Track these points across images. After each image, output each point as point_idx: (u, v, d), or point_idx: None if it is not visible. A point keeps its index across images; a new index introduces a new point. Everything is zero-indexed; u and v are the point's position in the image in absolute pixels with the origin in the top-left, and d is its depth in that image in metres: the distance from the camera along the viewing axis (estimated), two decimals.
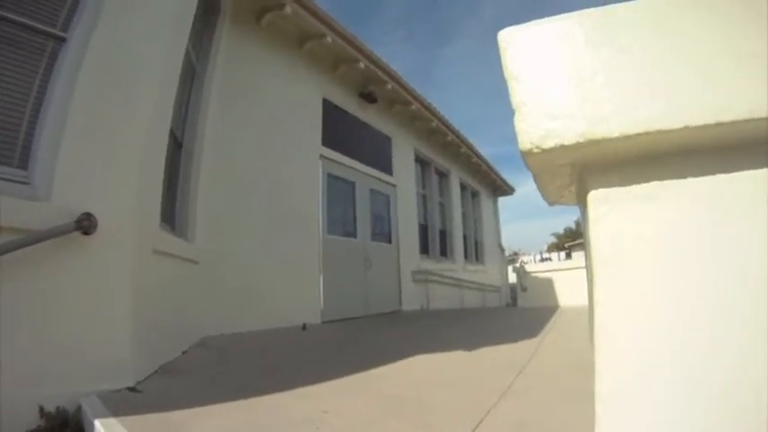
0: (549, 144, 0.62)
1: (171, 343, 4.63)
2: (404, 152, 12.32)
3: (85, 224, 3.24)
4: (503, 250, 21.24)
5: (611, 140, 0.60)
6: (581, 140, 0.60)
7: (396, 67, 10.22)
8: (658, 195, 0.62)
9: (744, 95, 0.56)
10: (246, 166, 7.02)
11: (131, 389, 3.39)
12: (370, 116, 10.68)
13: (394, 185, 11.56)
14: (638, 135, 0.58)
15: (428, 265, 12.79)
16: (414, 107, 11.50)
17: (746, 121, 0.56)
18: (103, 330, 3.40)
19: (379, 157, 11.12)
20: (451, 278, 13.95)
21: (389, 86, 10.28)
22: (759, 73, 0.59)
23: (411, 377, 4.05)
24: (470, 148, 15.00)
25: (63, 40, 3.56)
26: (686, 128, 0.56)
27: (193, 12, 4.93)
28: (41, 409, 2.98)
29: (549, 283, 13.33)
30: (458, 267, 15.02)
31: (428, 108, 12.00)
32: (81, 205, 3.27)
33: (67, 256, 3.24)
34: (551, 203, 0.93)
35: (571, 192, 0.79)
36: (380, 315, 9.86)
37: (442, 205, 14.96)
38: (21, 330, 3.03)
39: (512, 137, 0.71)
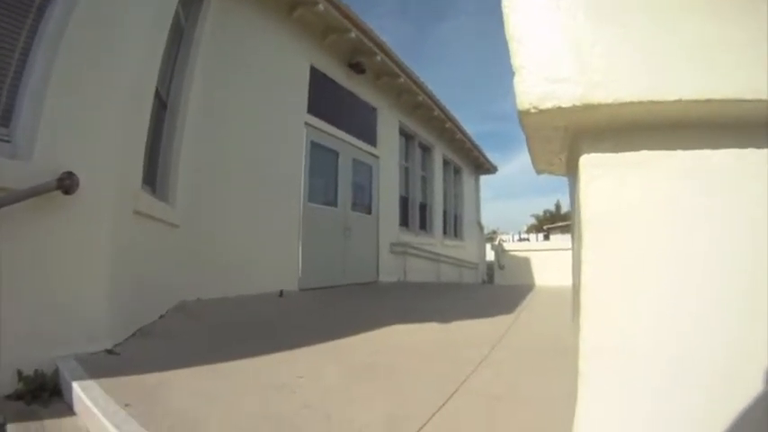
0: (546, 105, 0.64)
1: (149, 306, 4.64)
2: (389, 124, 12.32)
3: (67, 183, 3.21)
4: (482, 228, 21.37)
5: (605, 106, 0.62)
6: (577, 104, 0.62)
7: (386, 40, 10.17)
8: (648, 164, 0.65)
9: (734, 77, 0.59)
10: (230, 130, 6.98)
11: (109, 351, 3.42)
12: (357, 86, 10.64)
13: (377, 157, 11.57)
14: (632, 104, 0.61)
15: (407, 237, 12.88)
16: (401, 80, 11.46)
17: (734, 102, 0.59)
18: (82, 292, 3.41)
19: (364, 127, 11.10)
20: (429, 252, 14.03)
21: (378, 58, 10.23)
22: (751, 58, 0.61)
23: (386, 346, 4.10)
24: (455, 124, 15.01)
25: None
26: (678, 101, 0.58)
27: None
28: (19, 373, 2.99)
29: (526, 263, 13.50)
30: (436, 242, 15.13)
31: (415, 82, 11.96)
32: (63, 164, 3.24)
33: (47, 215, 3.21)
34: (540, 171, 0.95)
35: (561, 160, 0.82)
36: (358, 285, 9.95)
37: (423, 179, 14.99)
38: (5, 291, 3.01)
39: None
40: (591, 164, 0.69)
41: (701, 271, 0.65)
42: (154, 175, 5.14)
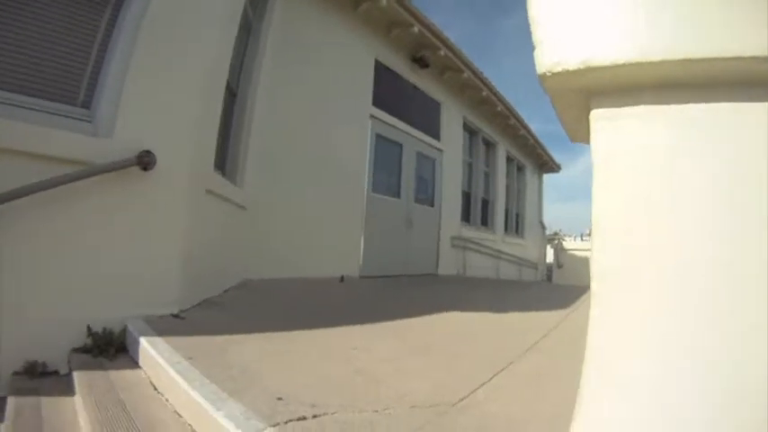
0: (557, 69, 0.77)
1: (214, 280, 4.88)
2: (452, 119, 12.32)
3: (145, 160, 3.51)
4: (544, 227, 21.11)
5: (604, 68, 0.74)
6: (581, 67, 0.75)
7: (449, 35, 10.18)
8: (646, 116, 0.76)
9: (714, 36, 0.70)
10: (297, 121, 7.18)
11: (175, 315, 3.68)
12: (421, 80, 10.69)
13: (441, 150, 11.60)
14: (626, 65, 0.73)
15: (468, 232, 12.90)
16: (465, 75, 11.44)
17: (715, 60, 0.70)
18: (154, 260, 3.68)
19: (428, 121, 11.14)
20: (489, 248, 14.02)
21: (442, 53, 10.25)
22: (729, 16, 0.72)
23: (441, 329, 4.23)
24: (519, 120, 14.87)
25: None
26: (664, 61, 0.71)
27: None
28: (89, 329, 3.27)
29: (585, 263, 13.31)
30: (497, 238, 15.05)
31: (479, 77, 11.92)
32: (141, 143, 3.52)
33: (127, 189, 3.51)
34: (573, 140, 1.08)
35: (586, 128, 0.94)
36: (417, 276, 10.03)
37: (486, 175, 14.91)
38: (77, 255, 3.33)
39: None
40: (597, 117, 0.81)
41: (695, 206, 0.76)
42: (224, 159, 5.40)
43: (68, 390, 2.88)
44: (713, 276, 0.74)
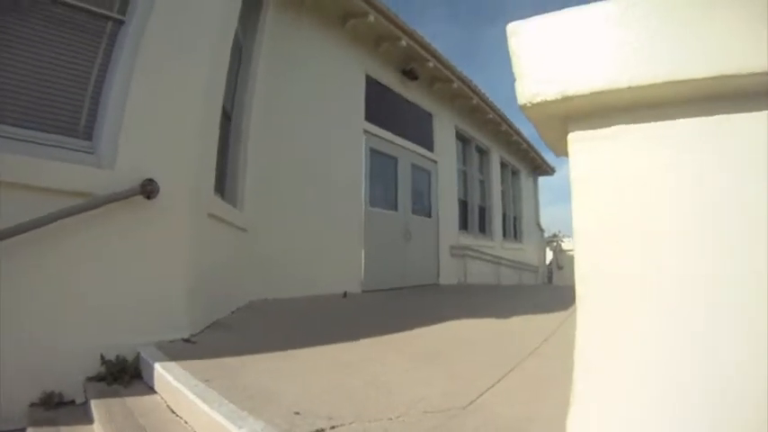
0: (537, 100, 0.88)
1: (221, 303, 4.95)
2: (445, 129, 12.43)
3: (149, 188, 3.58)
4: (542, 230, 21.19)
5: (577, 97, 0.85)
6: (558, 97, 0.86)
7: (438, 45, 10.32)
8: (615, 136, 0.86)
9: (665, 63, 0.80)
10: (291, 139, 7.28)
11: (186, 340, 3.72)
12: (411, 93, 10.82)
13: (435, 161, 11.71)
14: (593, 93, 0.84)
15: (466, 240, 12.97)
16: (455, 85, 11.57)
17: (670, 83, 0.80)
18: (162, 286, 3.75)
19: (421, 133, 11.27)
20: (489, 255, 14.09)
21: (431, 64, 10.37)
22: (678, 45, 0.83)
23: (446, 337, 4.32)
24: (511, 126, 14.96)
25: (121, 22, 3.87)
26: (630, 88, 0.81)
27: None
28: (102, 358, 3.32)
29: None
30: (496, 244, 15.14)
31: (469, 86, 12.05)
32: (143, 172, 3.60)
33: (132, 217, 3.58)
34: (557, 155, 1.18)
35: (565, 144, 1.04)
36: (418, 287, 10.10)
37: (481, 182, 15.03)
38: (86, 284, 3.39)
39: None
40: (574, 140, 0.91)
41: (663, 214, 0.86)
42: (222, 182, 5.48)
43: (85, 418, 2.93)
44: (682, 279, 0.83)
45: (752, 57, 0.75)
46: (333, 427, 1.91)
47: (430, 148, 11.57)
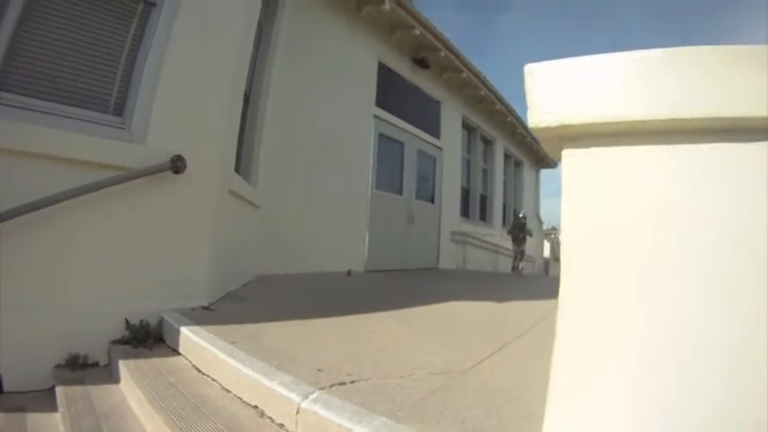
0: (542, 125, 1.16)
1: (235, 275, 5.22)
2: (452, 117, 12.64)
3: (178, 164, 3.80)
4: (541, 222, 21.37)
5: (572, 126, 1.13)
6: (558, 125, 1.14)
7: (448, 33, 10.46)
8: (602, 155, 1.14)
9: (633, 105, 1.09)
10: (305, 122, 7.51)
11: (205, 308, 3.96)
12: (421, 81, 11.01)
13: (440, 148, 11.95)
14: (584, 124, 1.12)
15: (467, 227, 13.28)
16: (464, 75, 11.77)
17: (631, 122, 1.09)
18: (185, 257, 4.00)
19: (428, 120, 11.47)
20: (488, 243, 14.38)
21: (442, 54, 10.56)
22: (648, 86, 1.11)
23: (446, 315, 4.63)
24: (517, 118, 15.15)
25: (152, 4, 4.07)
26: (609, 122, 1.09)
27: None
28: (127, 322, 3.56)
29: None
30: (495, 233, 15.39)
31: (478, 76, 12.25)
32: (171, 148, 3.82)
33: (160, 191, 3.82)
34: (558, 161, 1.47)
35: (560, 155, 1.33)
36: (419, 270, 10.39)
37: (485, 171, 15.26)
38: (113, 253, 3.64)
39: None
40: (566, 155, 1.19)
41: (633, 216, 1.14)
42: (239, 160, 5.66)
43: (111, 378, 3.18)
44: (654, 269, 1.10)
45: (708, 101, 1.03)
46: (353, 381, 2.23)
47: (436, 135, 11.78)
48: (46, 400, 3.03)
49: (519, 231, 13.01)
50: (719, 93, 1.02)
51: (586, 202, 1.18)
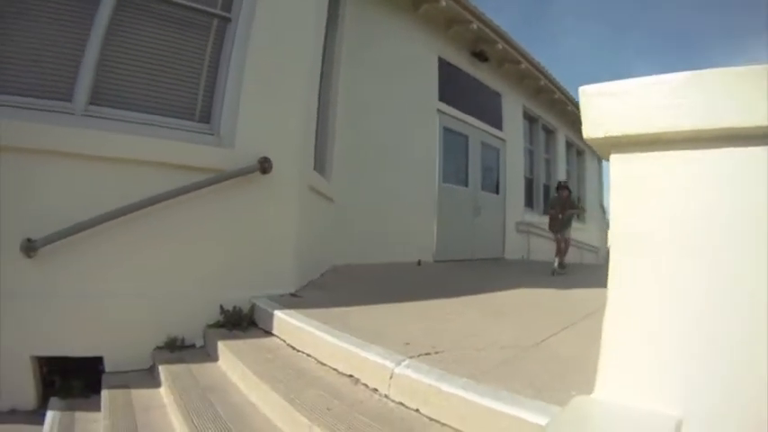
0: (593, 136, 1.43)
1: (314, 266, 5.55)
2: (513, 108, 12.62)
3: (265, 165, 4.14)
4: (604, 212, 20.96)
5: (616, 137, 1.40)
6: (605, 135, 1.41)
7: (504, 23, 10.43)
8: (644, 158, 1.39)
9: (657, 119, 1.36)
10: (372, 119, 7.80)
11: (293, 294, 4.31)
12: (481, 73, 11.07)
13: (503, 140, 12.00)
14: (623, 135, 1.39)
15: (531, 217, 13.24)
16: (523, 66, 11.77)
17: (664, 133, 1.36)
18: (273, 249, 4.34)
19: (490, 112, 11.53)
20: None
21: (500, 46, 10.59)
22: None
23: (512, 300, 4.94)
24: (577, 106, 14.70)
25: (228, 19, 4.39)
26: (646, 134, 1.37)
27: None
28: (221, 308, 3.92)
29: None
30: None
31: (536, 67, 12.23)
32: (258, 150, 4.15)
33: (249, 190, 4.16)
34: (607, 160, 1.76)
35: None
36: (485, 260, 10.58)
37: (547, 161, 15.16)
38: (208, 245, 4.01)
39: None
40: (614, 159, 1.46)
41: (672, 209, 1.40)
42: (315, 156, 5.87)
43: (208, 358, 3.55)
44: (685, 257, 1.37)
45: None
46: (437, 352, 2.60)
47: (498, 126, 11.84)
48: (145, 378, 3.46)
49: (561, 208, 9.31)
50: (734, 105, 1.27)
51: (630, 199, 1.46)
